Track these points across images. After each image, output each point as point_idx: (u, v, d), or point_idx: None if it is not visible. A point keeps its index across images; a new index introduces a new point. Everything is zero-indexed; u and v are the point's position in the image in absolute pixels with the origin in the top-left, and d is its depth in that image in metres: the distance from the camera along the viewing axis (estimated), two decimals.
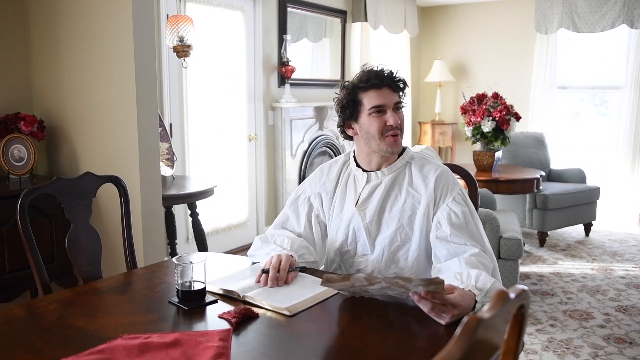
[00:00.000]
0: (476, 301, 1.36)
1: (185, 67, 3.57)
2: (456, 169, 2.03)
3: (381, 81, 1.68)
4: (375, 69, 1.72)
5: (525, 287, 0.88)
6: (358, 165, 1.79)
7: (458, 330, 0.70)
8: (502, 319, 0.82)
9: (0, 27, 3.14)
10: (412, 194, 1.69)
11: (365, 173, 1.76)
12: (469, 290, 1.37)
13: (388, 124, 1.68)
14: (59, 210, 2.27)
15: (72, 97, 3.11)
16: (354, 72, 6.02)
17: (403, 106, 1.74)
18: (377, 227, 1.72)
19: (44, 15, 3.17)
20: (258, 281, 1.58)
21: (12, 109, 3.16)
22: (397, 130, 1.69)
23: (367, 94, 1.70)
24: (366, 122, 1.70)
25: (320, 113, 5.42)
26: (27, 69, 3.27)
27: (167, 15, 3.74)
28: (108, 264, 2.27)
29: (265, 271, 1.58)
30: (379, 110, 1.68)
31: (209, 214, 4.22)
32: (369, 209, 1.72)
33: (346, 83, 1.76)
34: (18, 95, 3.24)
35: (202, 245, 3.56)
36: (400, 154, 1.75)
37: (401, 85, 1.72)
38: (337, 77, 5.95)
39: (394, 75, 1.71)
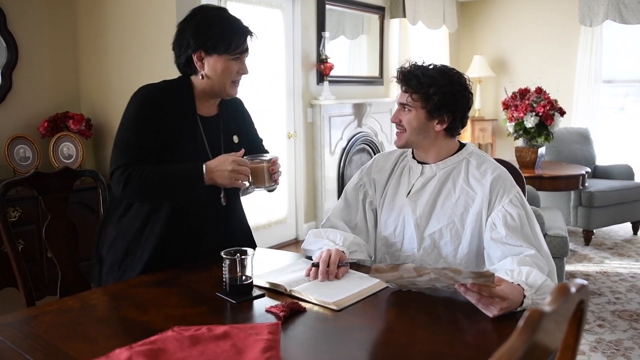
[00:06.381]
0: (524, 296, 1.33)
1: None
2: (502, 165, 1.98)
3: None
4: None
5: (585, 282, 0.86)
6: (414, 157, 1.79)
7: (521, 323, 0.68)
8: (563, 314, 0.80)
9: (51, 30, 3.24)
10: (467, 191, 1.67)
11: (420, 165, 1.75)
12: (518, 284, 1.35)
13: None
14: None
15: (118, 97, 3.18)
16: (392, 68, 5.97)
17: (406, 106, 1.72)
18: (426, 220, 1.70)
19: (91, 19, 3.26)
20: (308, 274, 1.59)
21: (61, 108, 3.26)
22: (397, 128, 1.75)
23: None
24: None
25: (358, 110, 5.39)
26: (75, 69, 3.37)
27: None
28: None
29: (315, 265, 1.59)
30: None
31: (249, 210, 4.23)
32: (420, 201, 1.71)
33: None
34: (67, 95, 3.34)
35: None
36: (458, 149, 1.74)
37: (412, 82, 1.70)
38: (376, 74, 5.91)
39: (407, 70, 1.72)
